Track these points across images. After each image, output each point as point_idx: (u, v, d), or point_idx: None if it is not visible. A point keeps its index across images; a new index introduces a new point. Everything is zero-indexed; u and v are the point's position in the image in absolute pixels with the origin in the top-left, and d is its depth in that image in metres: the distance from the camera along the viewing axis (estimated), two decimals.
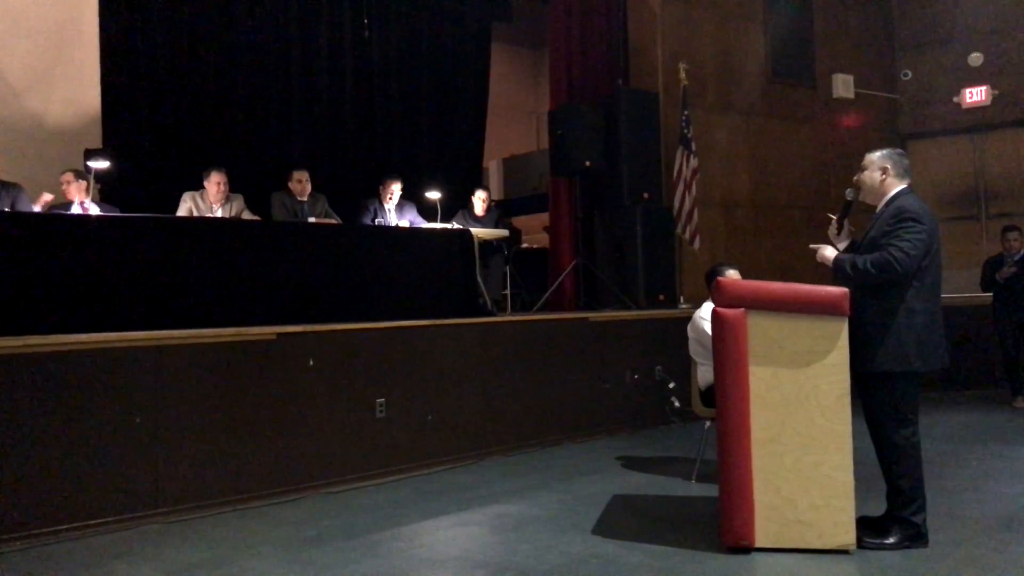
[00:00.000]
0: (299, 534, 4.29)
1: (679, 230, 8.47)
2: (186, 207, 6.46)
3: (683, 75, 8.61)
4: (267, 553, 3.99)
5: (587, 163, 8.12)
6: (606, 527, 4.25)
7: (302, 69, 8.05)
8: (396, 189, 7.36)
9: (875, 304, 3.73)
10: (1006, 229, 8.00)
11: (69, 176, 6.04)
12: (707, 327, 4.50)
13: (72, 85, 7.42)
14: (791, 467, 3.68)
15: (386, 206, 7.34)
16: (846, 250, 4.03)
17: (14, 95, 7.26)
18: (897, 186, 3.89)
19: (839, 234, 4.10)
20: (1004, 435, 6.53)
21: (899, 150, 4.02)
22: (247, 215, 6.59)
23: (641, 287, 8.06)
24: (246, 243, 5.66)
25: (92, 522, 4.33)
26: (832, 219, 4.14)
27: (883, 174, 3.90)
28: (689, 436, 6.39)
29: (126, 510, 4.45)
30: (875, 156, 3.97)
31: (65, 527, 4.25)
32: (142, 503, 4.51)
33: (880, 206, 3.90)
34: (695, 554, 3.77)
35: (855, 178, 4.04)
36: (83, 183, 6.20)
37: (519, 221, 10.85)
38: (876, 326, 3.72)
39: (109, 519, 4.39)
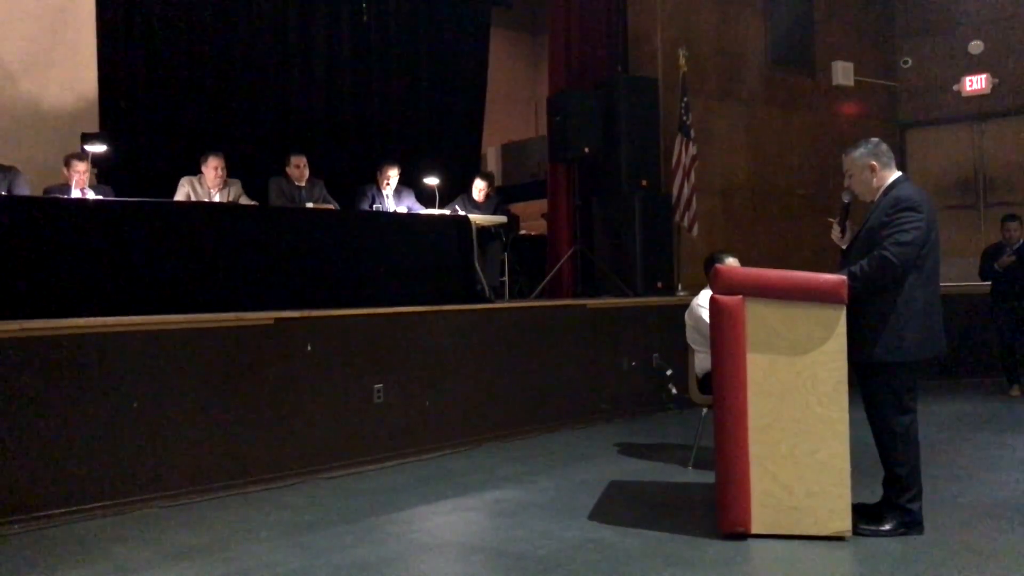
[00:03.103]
0: (297, 519, 4.31)
1: (677, 217, 8.45)
2: (184, 192, 6.44)
3: (682, 62, 8.56)
4: (266, 537, 4.00)
5: (586, 150, 8.10)
6: (603, 513, 4.27)
7: (300, 54, 8.01)
8: (394, 175, 7.34)
9: (875, 295, 3.70)
10: (1005, 218, 7.99)
11: (83, 166, 5.98)
12: (705, 315, 4.50)
13: (69, 68, 7.37)
14: (788, 454, 3.69)
15: (384, 192, 7.32)
16: (849, 247, 4.01)
17: (10, 78, 7.21)
18: (890, 175, 3.86)
19: (843, 236, 4.07)
20: (1000, 423, 6.55)
21: (874, 139, 3.94)
22: (245, 200, 6.56)
23: (639, 274, 8.06)
24: (244, 228, 5.65)
25: (90, 506, 4.34)
26: (833, 223, 4.11)
27: (872, 172, 3.86)
28: (686, 423, 6.41)
29: (124, 494, 4.46)
30: (856, 156, 3.89)
31: (64, 511, 4.26)
32: (140, 487, 4.52)
33: (877, 196, 3.88)
34: (691, 540, 3.78)
35: (846, 185, 3.99)
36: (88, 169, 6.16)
37: (517, 207, 10.80)
38: (876, 316, 3.70)
39: (107, 503, 4.39)
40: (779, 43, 9.79)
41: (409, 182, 7.60)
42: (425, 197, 7.57)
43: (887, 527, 3.76)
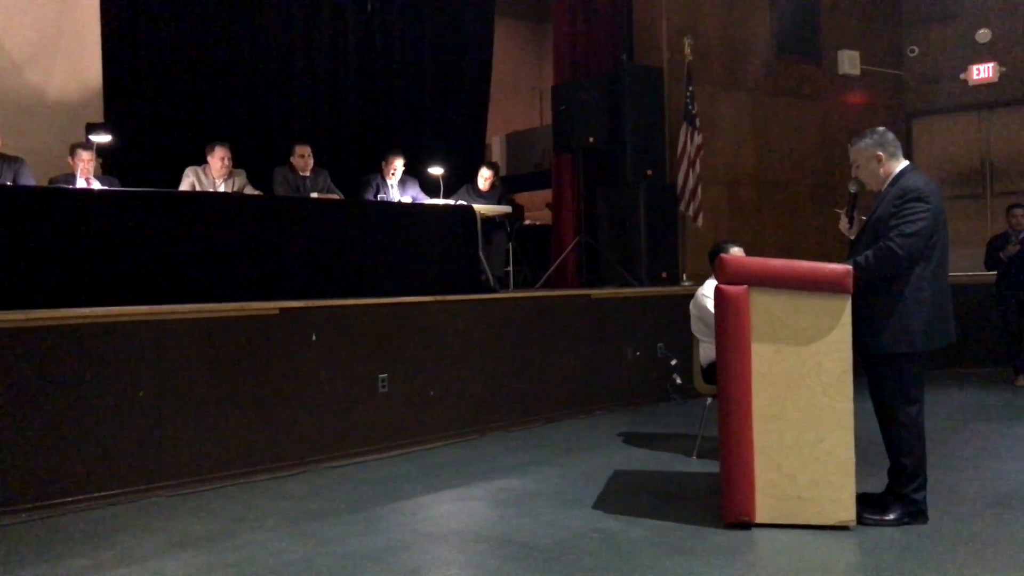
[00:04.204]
0: (302, 507, 4.32)
1: (682, 207, 8.42)
2: (189, 182, 6.44)
3: (688, 50, 8.51)
4: (270, 526, 4.02)
5: (590, 139, 8.08)
6: (607, 502, 4.28)
7: (305, 43, 8.00)
8: (399, 164, 7.34)
9: (883, 285, 3.69)
10: (1012, 207, 7.97)
11: (88, 156, 5.98)
12: (709, 304, 4.50)
13: (74, 59, 7.38)
14: (792, 444, 3.69)
15: (388, 181, 7.32)
16: (857, 237, 3.99)
17: (15, 69, 7.22)
18: (898, 165, 3.84)
19: (851, 227, 4.05)
20: (1005, 414, 6.54)
21: (880, 129, 3.91)
22: (249, 190, 6.58)
23: (644, 264, 8.05)
24: (248, 218, 5.65)
25: (96, 495, 4.37)
26: (840, 214, 4.09)
27: (879, 162, 3.84)
28: (690, 413, 6.41)
29: (130, 483, 4.48)
30: (862, 146, 3.87)
31: (70, 500, 4.29)
32: (146, 476, 4.54)
33: (884, 186, 3.86)
34: (696, 529, 3.78)
35: (853, 175, 3.97)
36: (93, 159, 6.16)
37: (522, 197, 10.81)
38: (884, 307, 3.69)
39: (113, 492, 4.42)
40: (785, 32, 9.73)
41: (414, 172, 7.59)
42: (430, 187, 7.56)
43: (891, 517, 3.76)
